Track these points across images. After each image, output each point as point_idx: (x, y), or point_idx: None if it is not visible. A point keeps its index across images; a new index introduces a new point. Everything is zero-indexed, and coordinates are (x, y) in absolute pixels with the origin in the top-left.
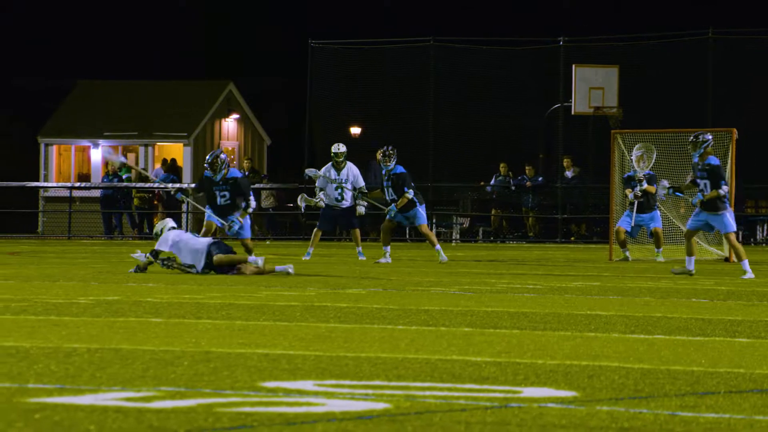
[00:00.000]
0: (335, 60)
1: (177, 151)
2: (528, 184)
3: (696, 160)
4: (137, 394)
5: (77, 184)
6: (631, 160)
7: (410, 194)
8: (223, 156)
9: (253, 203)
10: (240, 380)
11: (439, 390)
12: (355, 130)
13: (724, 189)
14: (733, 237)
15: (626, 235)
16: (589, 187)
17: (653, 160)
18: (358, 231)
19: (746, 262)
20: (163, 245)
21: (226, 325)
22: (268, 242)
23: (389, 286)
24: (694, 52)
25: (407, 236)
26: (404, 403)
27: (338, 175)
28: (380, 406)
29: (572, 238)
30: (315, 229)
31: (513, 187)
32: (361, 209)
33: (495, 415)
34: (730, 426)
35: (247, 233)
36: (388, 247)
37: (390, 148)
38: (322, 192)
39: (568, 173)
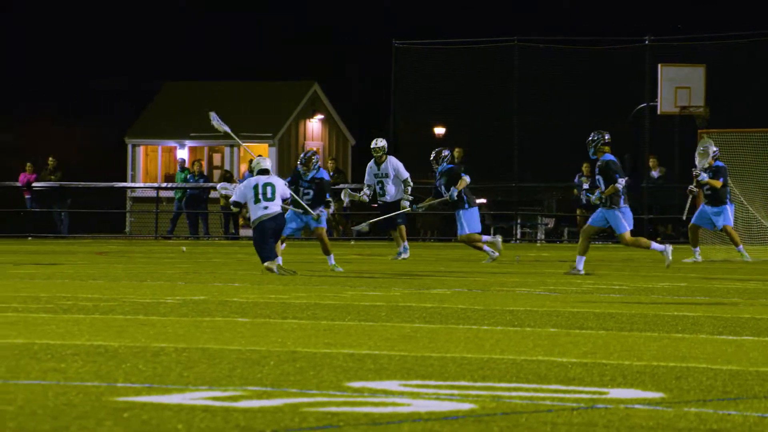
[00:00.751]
0: (419, 60)
1: (262, 151)
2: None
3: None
4: (224, 394)
5: (164, 185)
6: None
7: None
8: (316, 157)
9: (332, 206)
10: (326, 380)
11: (525, 391)
12: (439, 131)
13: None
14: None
15: (704, 229)
16: (675, 187)
17: (710, 155)
18: (401, 228)
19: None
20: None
21: (312, 325)
22: (352, 242)
23: (474, 286)
24: None
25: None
26: (490, 404)
27: (378, 169)
28: (466, 406)
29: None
30: (399, 227)
31: (582, 190)
32: (405, 203)
33: (581, 416)
34: None
35: (323, 224)
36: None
37: (443, 150)
38: (369, 188)
39: (654, 173)
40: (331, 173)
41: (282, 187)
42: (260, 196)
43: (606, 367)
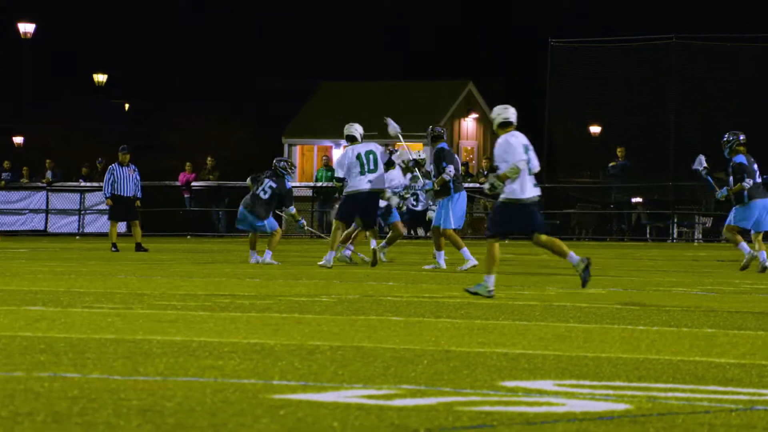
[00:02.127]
0: (575, 58)
1: (416, 150)
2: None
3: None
4: (378, 392)
5: (318, 184)
6: None
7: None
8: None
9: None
10: (479, 379)
11: (682, 392)
12: (595, 129)
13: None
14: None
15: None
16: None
17: None
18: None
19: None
20: None
21: (465, 324)
22: (506, 241)
23: (629, 286)
24: None
25: (647, 235)
26: (646, 405)
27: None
28: (621, 407)
29: None
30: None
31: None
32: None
33: (740, 417)
34: None
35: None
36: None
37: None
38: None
39: None
40: (485, 172)
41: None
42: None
43: (765, 368)
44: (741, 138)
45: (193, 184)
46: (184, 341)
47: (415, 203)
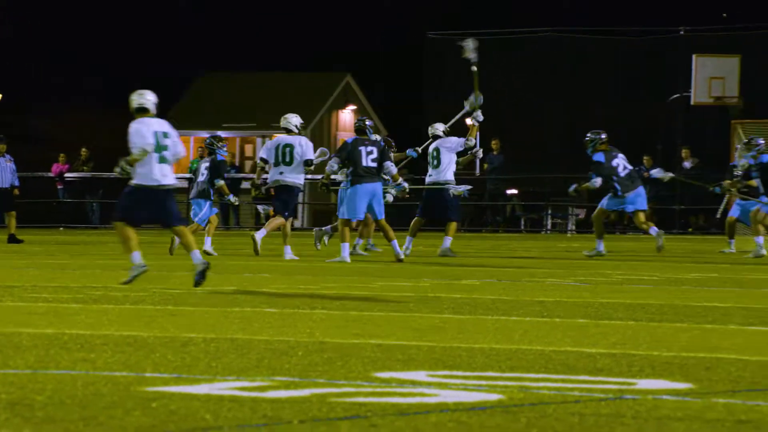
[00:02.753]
0: (451, 51)
1: None
2: (646, 174)
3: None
4: (252, 384)
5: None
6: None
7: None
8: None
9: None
10: (354, 370)
11: (553, 381)
12: (471, 121)
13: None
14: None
15: (738, 222)
16: (707, 178)
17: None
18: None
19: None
20: None
21: (340, 315)
22: None
23: (503, 277)
24: None
25: (522, 227)
26: (518, 395)
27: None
28: (493, 397)
29: (690, 230)
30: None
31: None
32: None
33: (609, 407)
34: None
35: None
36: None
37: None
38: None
39: (687, 164)
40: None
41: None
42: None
43: (635, 357)
44: (603, 137)
45: (67, 175)
46: (55, 334)
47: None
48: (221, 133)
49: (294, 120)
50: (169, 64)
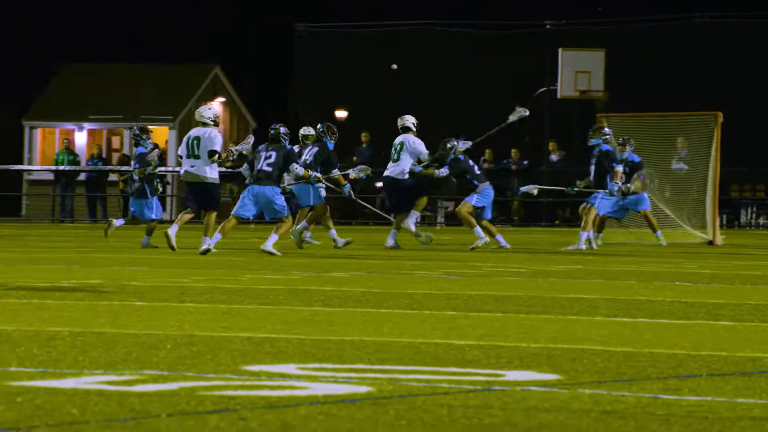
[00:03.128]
0: (321, 43)
1: (162, 134)
2: (513, 167)
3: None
4: (120, 378)
5: (61, 168)
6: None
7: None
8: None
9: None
10: (223, 363)
11: (422, 373)
12: (341, 114)
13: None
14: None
15: (610, 217)
16: (574, 171)
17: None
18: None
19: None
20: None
21: (210, 308)
22: (252, 226)
23: (373, 269)
24: (680, 35)
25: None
26: (387, 387)
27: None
28: (363, 389)
29: (557, 222)
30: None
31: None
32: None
33: (478, 398)
34: (711, 409)
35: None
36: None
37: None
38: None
39: (554, 157)
40: (235, 155)
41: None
42: None
43: (503, 349)
44: (455, 143)
45: None
46: None
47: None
48: (88, 126)
49: (206, 113)
50: (30, 55)
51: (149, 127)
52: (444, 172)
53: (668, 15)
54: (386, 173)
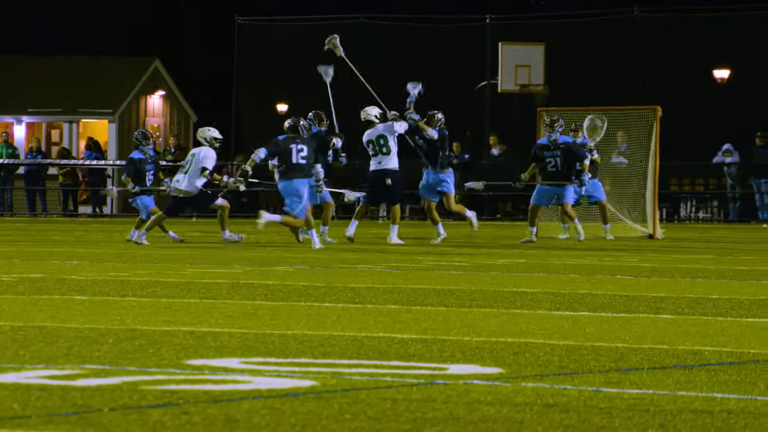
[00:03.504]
0: (262, 36)
1: (102, 128)
2: (454, 161)
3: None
4: (61, 372)
5: (0, 161)
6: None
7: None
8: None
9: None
10: (165, 358)
11: (366, 367)
12: (282, 107)
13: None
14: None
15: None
16: (514, 165)
17: (601, 131)
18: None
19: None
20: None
21: (152, 302)
22: (194, 219)
23: (316, 263)
24: (620, 29)
25: (334, 213)
26: (330, 381)
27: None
28: (306, 383)
29: (498, 216)
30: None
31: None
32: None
33: (421, 392)
34: (653, 401)
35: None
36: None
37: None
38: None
39: (495, 151)
40: (173, 149)
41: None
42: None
43: (446, 343)
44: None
45: None
46: None
47: None
48: (27, 119)
49: (208, 133)
50: None
51: (149, 133)
52: (434, 133)
53: (607, 9)
54: (377, 167)
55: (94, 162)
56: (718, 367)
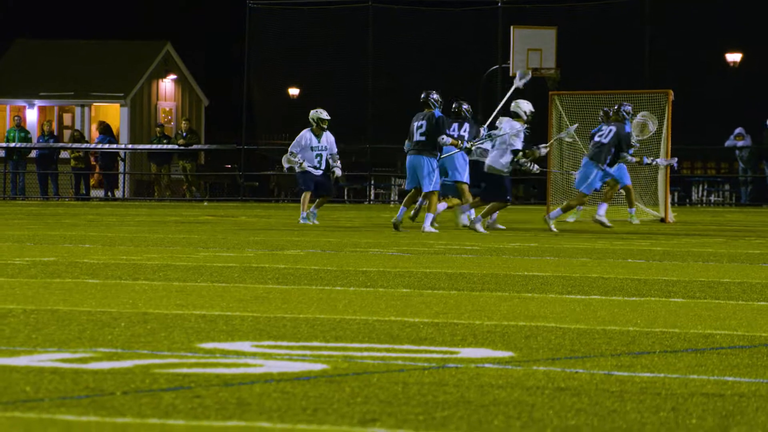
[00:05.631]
0: (273, 20)
1: (113, 111)
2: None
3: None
4: (74, 356)
5: (12, 145)
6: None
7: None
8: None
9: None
10: (177, 341)
11: (377, 351)
12: (294, 92)
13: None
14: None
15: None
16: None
17: (650, 130)
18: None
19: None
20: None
21: (164, 286)
22: (205, 203)
23: (327, 247)
24: (631, 13)
25: (345, 197)
26: (342, 364)
27: (318, 141)
28: (318, 367)
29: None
30: (304, 193)
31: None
32: (337, 171)
33: (432, 375)
34: (664, 385)
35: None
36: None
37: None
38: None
39: None
40: (184, 133)
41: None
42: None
43: (457, 326)
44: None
45: None
46: None
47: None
48: (39, 102)
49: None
50: None
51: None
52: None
53: None
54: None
55: (106, 146)
56: (730, 350)
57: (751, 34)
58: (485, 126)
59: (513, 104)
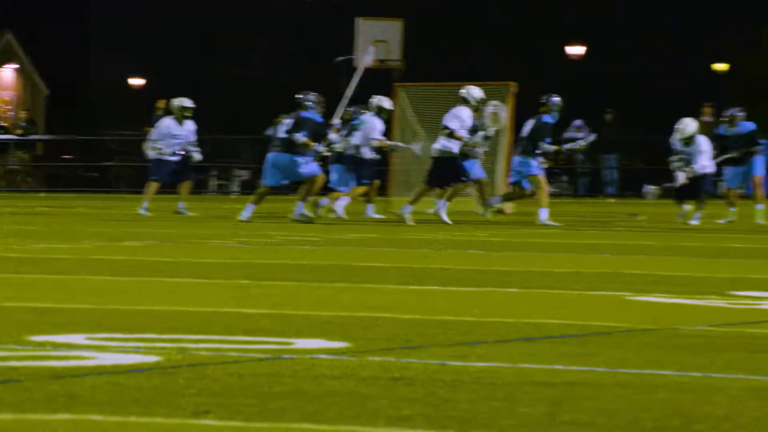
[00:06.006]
0: (115, 9)
1: None
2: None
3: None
4: None
5: None
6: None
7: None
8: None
9: None
10: (6, 334)
11: (212, 342)
12: (138, 82)
13: None
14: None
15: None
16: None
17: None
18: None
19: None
20: None
21: None
22: (42, 194)
23: (166, 238)
24: (480, 5)
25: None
26: (176, 356)
27: (181, 129)
28: (152, 359)
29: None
30: (149, 183)
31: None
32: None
33: (267, 366)
34: (497, 374)
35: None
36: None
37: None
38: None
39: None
40: (24, 123)
41: None
42: None
43: (294, 317)
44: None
45: None
46: None
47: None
48: None
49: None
50: None
51: None
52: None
53: None
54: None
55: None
56: (561, 339)
57: (592, 29)
58: (337, 120)
59: (463, 90)
